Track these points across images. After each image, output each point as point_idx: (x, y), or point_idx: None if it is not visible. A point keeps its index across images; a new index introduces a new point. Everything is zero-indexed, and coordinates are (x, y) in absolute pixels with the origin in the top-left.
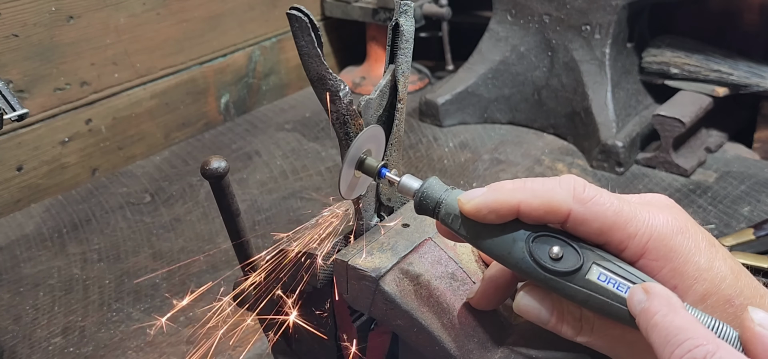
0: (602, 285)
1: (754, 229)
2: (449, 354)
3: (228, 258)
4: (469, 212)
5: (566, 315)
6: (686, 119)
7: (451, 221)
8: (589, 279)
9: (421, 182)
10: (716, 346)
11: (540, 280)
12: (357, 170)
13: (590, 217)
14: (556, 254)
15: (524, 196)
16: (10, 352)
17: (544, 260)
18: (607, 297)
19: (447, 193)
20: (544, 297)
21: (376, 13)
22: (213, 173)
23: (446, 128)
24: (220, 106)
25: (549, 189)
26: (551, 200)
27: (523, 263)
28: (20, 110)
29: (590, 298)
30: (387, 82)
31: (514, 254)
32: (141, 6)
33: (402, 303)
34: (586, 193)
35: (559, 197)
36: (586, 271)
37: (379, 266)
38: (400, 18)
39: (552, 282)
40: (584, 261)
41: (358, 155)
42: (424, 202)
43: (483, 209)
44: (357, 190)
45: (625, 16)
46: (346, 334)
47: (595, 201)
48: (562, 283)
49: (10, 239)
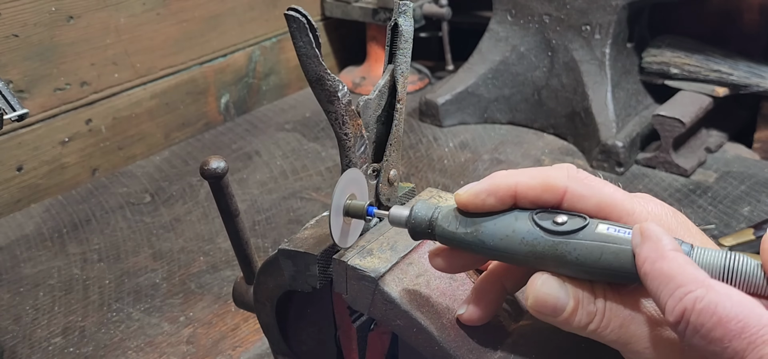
0: (613, 234)
1: (754, 229)
2: (449, 355)
3: (228, 258)
4: (467, 199)
5: (582, 301)
6: (686, 119)
7: (449, 222)
8: (599, 232)
9: (410, 207)
10: (706, 289)
11: (548, 248)
12: (345, 216)
13: (587, 193)
14: (561, 220)
15: (521, 178)
16: (10, 352)
17: (551, 227)
18: (620, 244)
19: (438, 208)
20: (561, 284)
21: (376, 13)
22: (212, 173)
23: (446, 128)
24: (220, 106)
25: (544, 170)
26: (547, 179)
27: (529, 236)
28: (20, 110)
29: (604, 251)
30: (386, 83)
31: (518, 230)
32: (141, 6)
33: (401, 303)
34: (580, 174)
35: (554, 174)
36: (595, 227)
37: (379, 266)
38: (399, 18)
39: (562, 246)
40: (589, 220)
41: (343, 202)
42: (418, 221)
43: (481, 193)
44: (352, 235)
45: (625, 16)
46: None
47: (589, 180)
48: (573, 243)
49: (10, 239)
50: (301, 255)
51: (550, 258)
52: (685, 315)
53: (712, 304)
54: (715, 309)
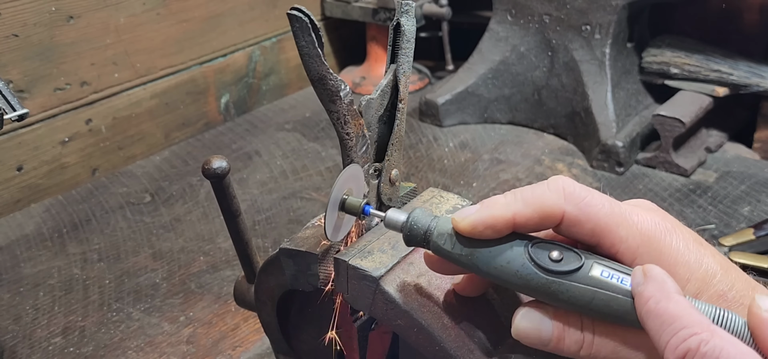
0: (606, 280)
1: (754, 229)
2: (449, 354)
3: (228, 258)
4: (464, 229)
5: (567, 331)
6: (686, 119)
7: (445, 241)
8: (593, 276)
9: (407, 213)
10: (711, 334)
11: (541, 286)
12: (340, 211)
13: (583, 218)
14: (556, 256)
15: (517, 207)
16: (10, 352)
17: (546, 264)
18: (611, 292)
19: (436, 219)
20: (542, 317)
21: (376, 13)
22: (214, 172)
23: (446, 128)
24: (220, 106)
25: (540, 195)
26: (543, 206)
27: (523, 270)
28: (20, 110)
29: (595, 296)
30: (388, 82)
31: (513, 262)
32: (141, 6)
33: (402, 302)
34: (576, 193)
35: (550, 201)
36: (589, 268)
37: (380, 265)
38: (402, 18)
39: (555, 285)
40: (585, 260)
41: (340, 197)
42: (414, 230)
43: (479, 225)
44: (342, 231)
45: (625, 16)
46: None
47: (587, 202)
48: (566, 284)
49: (10, 239)
50: (302, 254)
51: (544, 293)
52: (687, 356)
53: (717, 348)
54: (720, 353)
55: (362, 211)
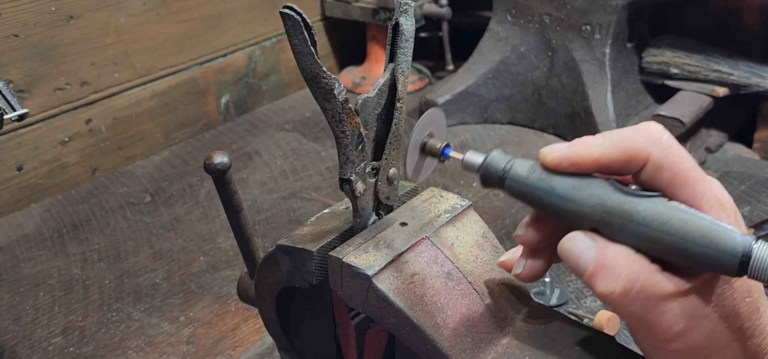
0: (682, 207)
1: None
2: (442, 353)
3: (228, 258)
4: (550, 162)
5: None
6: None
7: (524, 169)
8: (671, 203)
9: (485, 155)
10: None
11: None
12: (421, 153)
13: (665, 164)
14: (636, 188)
15: (604, 148)
16: (10, 352)
17: (624, 188)
18: (689, 215)
19: (513, 161)
20: (589, 245)
21: (376, 13)
22: (216, 168)
23: (446, 129)
24: (220, 106)
25: (628, 137)
26: (630, 147)
27: (600, 190)
28: (20, 110)
29: (672, 217)
30: (386, 81)
31: (591, 184)
32: (141, 6)
33: (395, 300)
34: (664, 140)
35: (637, 143)
36: (667, 199)
37: (374, 263)
38: (401, 17)
39: (631, 203)
40: (663, 194)
41: (421, 139)
42: (491, 168)
43: (564, 161)
44: (423, 173)
45: (625, 16)
46: (345, 331)
47: (672, 151)
48: (644, 202)
49: (10, 239)
50: (298, 251)
51: (617, 215)
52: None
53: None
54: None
55: (442, 153)
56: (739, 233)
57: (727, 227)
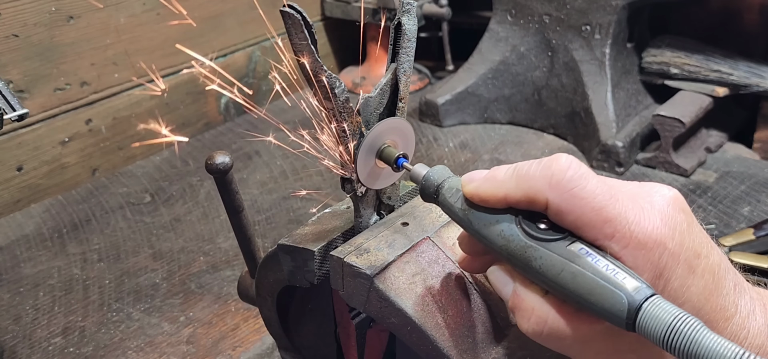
0: (581, 255)
1: (754, 229)
2: (442, 353)
3: (228, 258)
4: (466, 194)
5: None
6: (686, 119)
7: (451, 195)
8: (570, 249)
9: (428, 169)
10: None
11: (519, 248)
12: (378, 159)
13: (565, 208)
14: (542, 227)
15: (509, 188)
16: (10, 352)
17: (530, 228)
18: (581, 267)
19: (450, 178)
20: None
21: (376, 13)
22: (218, 168)
23: (446, 128)
24: (220, 106)
25: (530, 177)
26: (529, 189)
27: (507, 231)
28: (20, 110)
29: (565, 268)
30: (388, 81)
31: (500, 223)
32: (141, 6)
33: (396, 300)
34: (565, 180)
35: (535, 186)
36: (569, 243)
37: (375, 263)
38: (403, 17)
39: (531, 250)
40: (567, 236)
41: (378, 145)
42: (427, 183)
43: (475, 197)
44: (381, 181)
45: (625, 16)
46: (345, 331)
47: (573, 193)
48: (541, 250)
49: (10, 239)
50: (299, 251)
51: (518, 259)
52: None
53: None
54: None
55: (396, 162)
56: (629, 289)
57: (616, 283)
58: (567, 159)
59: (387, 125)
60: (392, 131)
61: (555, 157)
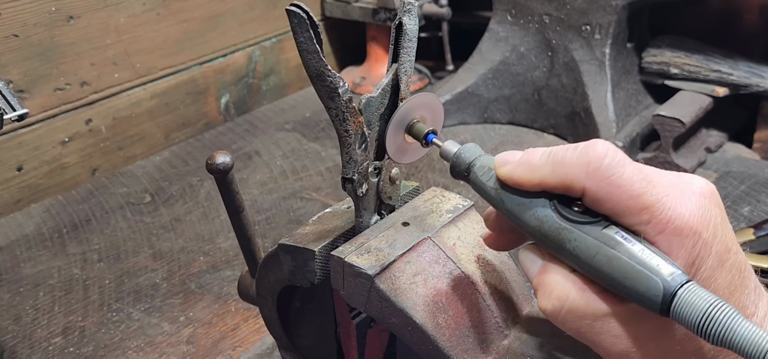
0: (616, 238)
1: (754, 229)
2: (443, 354)
3: (228, 258)
4: (500, 176)
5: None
6: (686, 119)
7: (483, 174)
8: (605, 233)
9: (459, 145)
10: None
11: (552, 230)
12: (406, 134)
13: (602, 196)
14: (577, 209)
15: (544, 173)
16: (10, 352)
17: (564, 211)
18: (617, 251)
19: (482, 156)
20: (535, 259)
21: (376, 13)
22: (218, 168)
23: (446, 128)
24: (220, 106)
25: (567, 164)
26: (566, 176)
27: (541, 212)
28: (20, 110)
29: (599, 251)
30: (389, 81)
31: (534, 204)
32: (141, 6)
33: (396, 300)
34: (603, 168)
35: (572, 173)
36: (604, 226)
37: (376, 263)
38: (404, 17)
39: (565, 232)
40: (601, 219)
41: (408, 119)
42: (459, 160)
43: (510, 179)
44: (409, 155)
45: (625, 16)
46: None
47: (610, 181)
48: (575, 232)
49: (10, 239)
50: (299, 251)
51: (552, 240)
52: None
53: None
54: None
55: (426, 138)
56: (665, 275)
57: (652, 268)
58: (604, 146)
59: (418, 100)
60: (422, 106)
61: (592, 143)
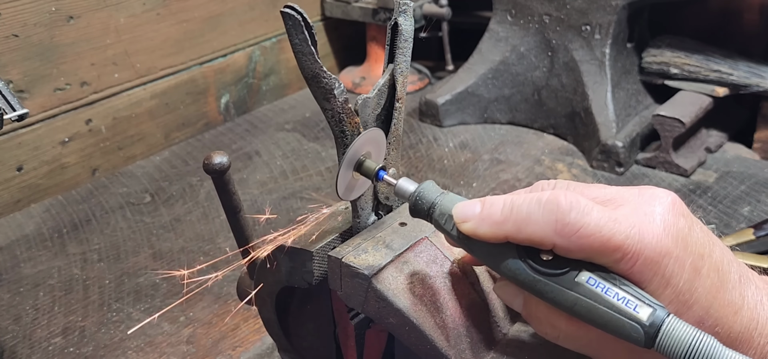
0: (590, 287)
1: (754, 229)
2: (441, 353)
3: (228, 258)
4: (463, 231)
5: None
6: (686, 119)
7: (445, 221)
8: (578, 282)
9: (417, 184)
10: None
11: (529, 282)
12: (356, 171)
13: (574, 249)
14: (546, 258)
15: (509, 229)
16: (10, 352)
17: (536, 262)
18: (593, 300)
19: (442, 196)
20: (516, 294)
21: (376, 13)
22: (215, 168)
23: (446, 128)
24: (220, 106)
25: (533, 222)
26: (533, 235)
27: (513, 265)
28: (20, 110)
29: (577, 302)
30: (385, 82)
31: (505, 255)
32: (141, 6)
33: (394, 301)
34: (570, 224)
35: (541, 231)
36: (576, 275)
37: (373, 263)
38: (399, 17)
39: (541, 284)
40: (573, 266)
41: (357, 157)
42: (419, 203)
43: (473, 235)
44: (356, 191)
45: (625, 16)
46: (344, 332)
47: (579, 234)
48: (551, 285)
49: (10, 239)
50: (297, 251)
51: (530, 289)
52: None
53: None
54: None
55: (376, 175)
56: (643, 319)
57: (629, 314)
58: (566, 201)
59: (366, 137)
60: (369, 142)
61: (554, 199)
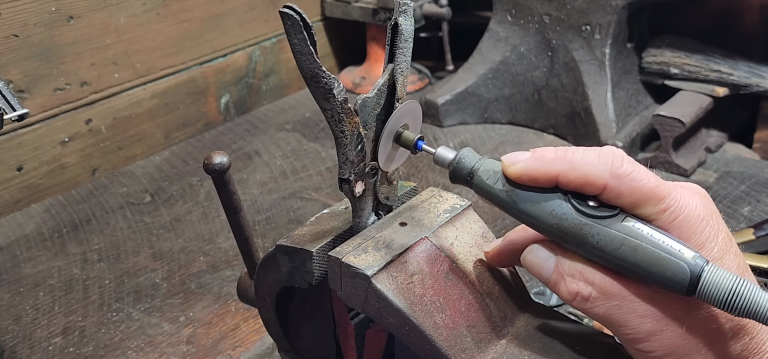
0: (637, 229)
1: (754, 229)
2: (441, 353)
3: (228, 258)
4: (511, 174)
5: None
6: (686, 119)
7: (489, 177)
8: (626, 225)
9: (456, 151)
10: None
11: (574, 227)
12: (394, 142)
13: (625, 192)
14: (593, 204)
15: (563, 167)
16: (10, 352)
17: (582, 206)
18: (641, 241)
19: (482, 160)
20: (548, 255)
21: (376, 13)
22: (215, 168)
23: (446, 128)
24: (220, 106)
25: (588, 162)
26: (588, 173)
27: (559, 210)
28: (20, 110)
29: (624, 242)
30: (385, 82)
31: (550, 202)
32: (141, 6)
33: (394, 300)
34: (623, 168)
35: (595, 170)
36: (623, 218)
37: (373, 263)
38: (399, 17)
39: (586, 227)
40: (620, 212)
41: (396, 129)
42: (460, 167)
43: (523, 176)
44: (395, 162)
45: (625, 16)
46: (344, 332)
47: (631, 177)
48: (597, 227)
49: (10, 239)
50: (297, 251)
51: (573, 236)
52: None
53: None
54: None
55: (415, 145)
56: (689, 258)
57: (675, 253)
58: (620, 151)
59: (404, 109)
60: (407, 114)
61: (610, 149)
